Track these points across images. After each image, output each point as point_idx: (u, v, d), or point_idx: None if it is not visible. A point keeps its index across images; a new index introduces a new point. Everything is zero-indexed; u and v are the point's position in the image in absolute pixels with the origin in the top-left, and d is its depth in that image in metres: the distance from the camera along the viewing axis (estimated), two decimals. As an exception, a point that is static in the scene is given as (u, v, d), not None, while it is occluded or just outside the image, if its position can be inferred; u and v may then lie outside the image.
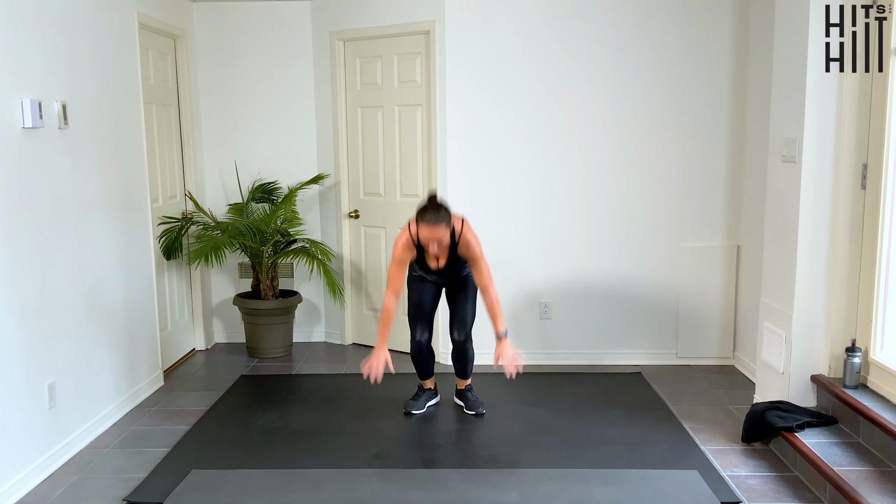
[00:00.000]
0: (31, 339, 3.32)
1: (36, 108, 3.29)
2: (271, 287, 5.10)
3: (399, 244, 3.71)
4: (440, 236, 3.58)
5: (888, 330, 3.44)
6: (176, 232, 4.84)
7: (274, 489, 3.19)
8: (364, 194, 5.25)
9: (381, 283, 5.26)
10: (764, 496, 3.13)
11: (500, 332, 3.69)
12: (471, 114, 4.75)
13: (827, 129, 3.50)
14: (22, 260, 3.25)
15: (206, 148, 5.36)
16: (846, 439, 3.31)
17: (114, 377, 4.05)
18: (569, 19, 4.66)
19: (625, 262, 4.85)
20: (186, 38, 5.07)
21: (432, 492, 3.16)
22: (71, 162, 3.64)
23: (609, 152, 4.76)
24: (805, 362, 3.67)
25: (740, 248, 4.79)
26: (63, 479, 3.36)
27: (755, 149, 4.51)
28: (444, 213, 3.58)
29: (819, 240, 3.59)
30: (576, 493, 3.11)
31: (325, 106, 5.24)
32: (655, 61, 4.67)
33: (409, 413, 4.03)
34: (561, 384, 4.53)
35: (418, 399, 4.11)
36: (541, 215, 4.83)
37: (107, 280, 3.99)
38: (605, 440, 3.68)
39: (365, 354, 5.19)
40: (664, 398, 4.27)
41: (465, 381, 4.11)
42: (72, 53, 3.67)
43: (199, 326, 5.33)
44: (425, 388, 4.16)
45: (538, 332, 4.94)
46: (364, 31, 4.99)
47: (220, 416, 4.07)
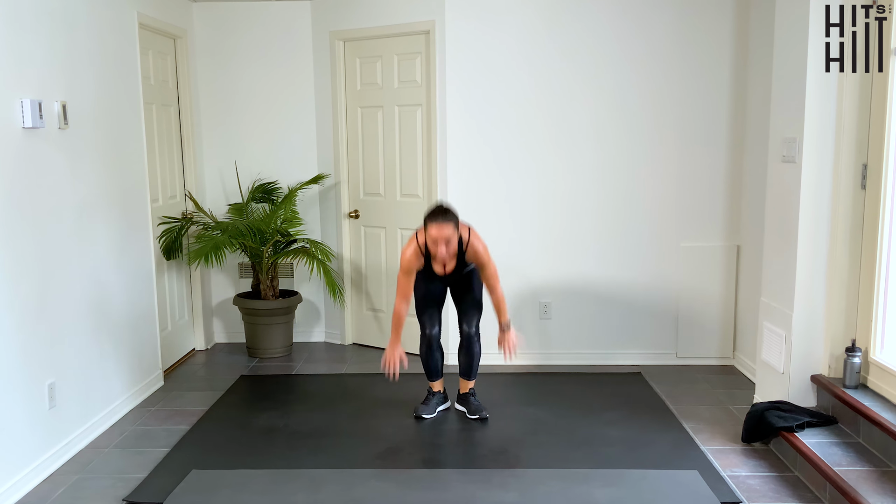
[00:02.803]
0: (31, 339, 3.32)
1: (36, 108, 3.29)
2: (271, 287, 5.10)
3: (407, 254, 3.74)
4: (448, 236, 3.60)
5: (888, 330, 3.44)
6: (176, 232, 4.84)
7: (274, 489, 3.18)
8: (364, 194, 5.25)
9: (381, 283, 5.26)
10: (764, 496, 3.13)
11: (504, 323, 3.85)
12: (471, 114, 4.75)
13: (827, 129, 3.50)
14: (22, 260, 3.25)
15: (206, 148, 5.36)
16: (846, 439, 3.31)
17: (114, 377, 4.05)
18: (569, 19, 4.66)
19: (625, 261, 4.85)
20: (186, 38, 5.07)
21: (432, 492, 3.16)
22: (71, 162, 3.64)
23: (609, 152, 4.76)
24: (805, 362, 3.67)
25: (740, 248, 4.79)
26: (63, 479, 3.36)
27: (755, 149, 4.51)
28: (451, 215, 3.64)
29: (819, 240, 3.59)
30: (576, 494, 3.11)
31: (325, 106, 5.24)
32: (655, 61, 4.67)
33: (419, 417, 3.99)
34: (561, 384, 4.54)
35: (429, 403, 4.06)
36: (541, 215, 4.83)
37: (107, 280, 3.99)
38: (605, 440, 3.68)
39: (365, 354, 5.22)
40: (664, 398, 4.27)
41: (469, 384, 4.07)
42: (72, 53, 3.68)
43: (199, 326, 5.33)
44: (434, 390, 4.11)
45: (538, 332, 4.94)
46: (364, 31, 4.99)
47: (220, 416, 4.07)
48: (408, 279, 3.77)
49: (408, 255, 3.73)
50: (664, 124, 4.72)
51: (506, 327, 3.85)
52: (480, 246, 3.77)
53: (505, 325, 3.85)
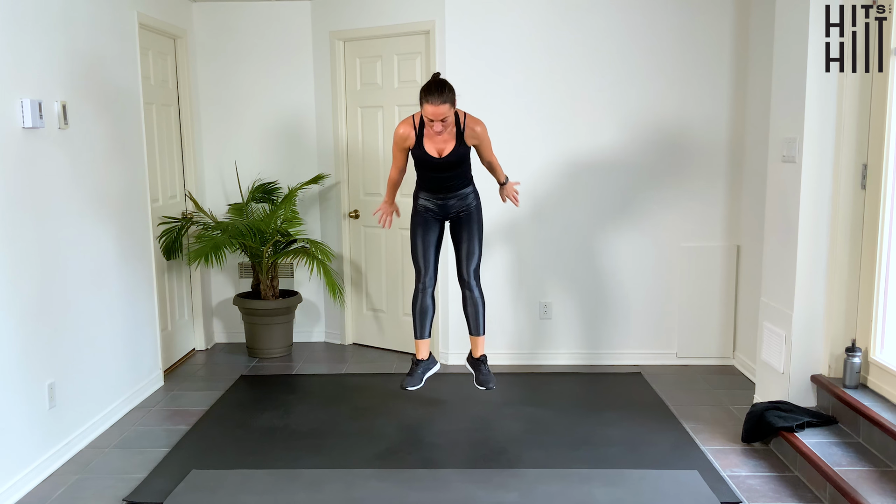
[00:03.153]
0: (31, 339, 3.32)
1: (36, 108, 3.29)
2: (271, 287, 5.10)
3: (399, 130, 3.65)
4: (444, 113, 3.46)
5: (888, 330, 3.44)
6: (176, 232, 4.84)
7: (274, 489, 3.19)
8: (364, 194, 5.25)
9: (381, 283, 5.26)
10: (764, 496, 3.13)
11: (503, 179, 3.94)
12: (470, 113, 4.74)
13: (827, 129, 3.50)
14: (22, 260, 3.25)
15: (206, 148, 5.36)
16: (846, 439, 3.31)
17: (114, 377, 4.05)
18: (568, 19, 4.66)
19: (625, 261, 4.85)
20: (186, 38, 5.07)
21: (432, 492, 3.16)
22: (71, 162, 3.64)
23: (609, 152, 4.76)
24: (805, 362, 3.67)
25: (740, 248, 4.79)
26: (63, 479, 3.36)
27: (755, 149, 4.51)
28: (448, 90, 3.48)
29: (819, 240, 3.59)
30: (576, 494, 3.11)
31: (325, 106, 5.24)
32: (655, 60, 4.67)
33: (405, 389, 3.80)
34: (561, 384, 4.54)
35: (414, 374, 3.82)
36: (541, 215, 4.83)
37: (107, 280, 3.99)
38: (605, 440, 3.68)
39: (365, 354, 5.22)
40: (664, 398, 4.27)
41: (480, 342, 3.87)
42: (72, 53, 3.68)
43: (199, 326, 5.33)
44: (419, 358, 3.86)
45: (538, 332, 4.94)
46: (364, 31, 4.99)
47: (220, 416, 4.07)
48: (401, 154, 3.74)
49: (399, 130, 3.66)
50: (664, 123, 4.72)
51: (504, 180, 3.94)
52: (479, 126, 3.65)
53: (503, 180, 3.94)
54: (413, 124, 3.64)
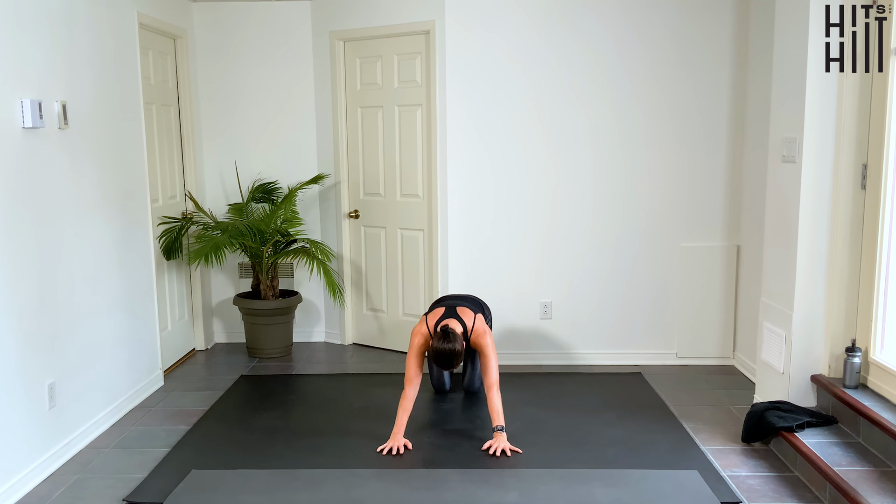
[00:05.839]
0: (31, 339, 3.32)
1: (36, 108, 3.29)
2: (271, 287, 5.10)
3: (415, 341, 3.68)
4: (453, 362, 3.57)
5: (888, 330, 3.44)
6: (176, 232, 4.84)
7: (274, 489, 3.18)
8: (364, 194, 5.25)
9: (381, 283, 5.26)
10: (764, 496, 3.13)
11: (497, 426, 3.57)
12: (471, 114, 4.75)
13: (827, 129, 3.50)
14: (22, 260, 3.25)
15: (206, 148, 5.36)
16: (846, 439, 3.31)
17: (114, 377, 4.05)
18: (568, 19, 4.65)
19: (625, 262, 4.85)
20: (186, 38, 5.07)
21: (432, 492, 3.16)
22: (71, 162, 3.64)
23: (609, 152, 4.76)
24: (805, 362, 3.67)
25: (740, 248, 4.79)
26: (63, 479, 3.36)
27: (755, 149, 4.51)
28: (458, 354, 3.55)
29: (819, 240, 3.59)
30: (576, 494, 3.11)
31: (325, 106, 5.24)
32: (655, 60, 4.67)
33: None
34: (561, 384, 4.53)
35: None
36: (541, 215, 4.83)
37: (107, 280, 3.99)
38: (605, 440, 3.68)
39: (365, 354, 5.22)
40: (664, 398, 4.26)
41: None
42: (72, 53, 3.68)
43: (199, 326, 5.33)
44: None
45: (538, 332, 4.94)
46: (364, 31, 4.99)
47: (220, 416, 4.07)
48: (417, 360, 3.68)
49: (416, 342, 3.68)
50: (664, 124, 4.72)
51: (498, 430, 3.55)
52: (482, 339, 3.69)
53: (497, 427, 3.55)
54: (427, 332, 3.69)
